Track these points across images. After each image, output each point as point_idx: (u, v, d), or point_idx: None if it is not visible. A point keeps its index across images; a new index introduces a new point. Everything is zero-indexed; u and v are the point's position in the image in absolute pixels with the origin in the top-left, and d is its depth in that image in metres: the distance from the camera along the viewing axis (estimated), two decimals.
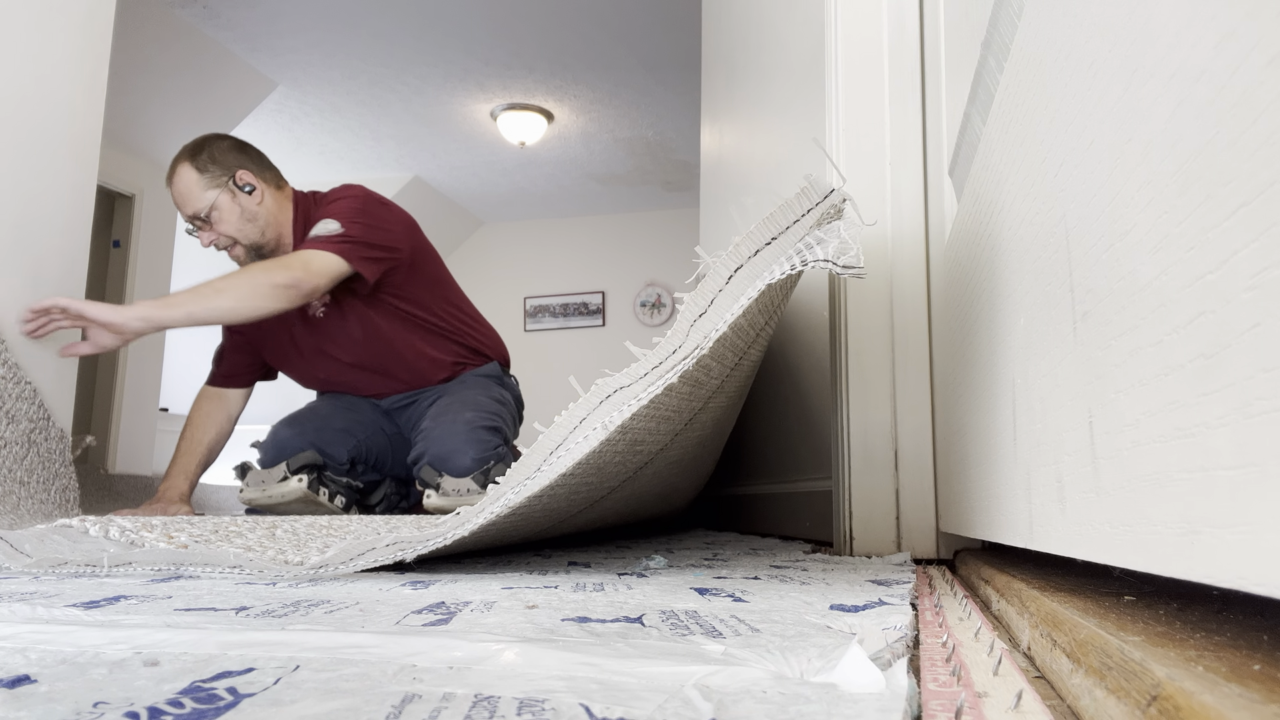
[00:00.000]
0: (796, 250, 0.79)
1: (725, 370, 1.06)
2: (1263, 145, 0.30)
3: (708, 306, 0.84)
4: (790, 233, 0.84)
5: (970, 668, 0.44)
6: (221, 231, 2.05)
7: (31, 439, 1.68)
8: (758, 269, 0.83)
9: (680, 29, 4.56)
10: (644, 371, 0.83)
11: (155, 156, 5.22)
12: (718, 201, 2.74)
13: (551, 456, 0.87)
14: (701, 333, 0.83)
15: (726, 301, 0.83)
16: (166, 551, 0.95)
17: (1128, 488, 0.44)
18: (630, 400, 0.82)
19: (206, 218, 2.02)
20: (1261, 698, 0.28)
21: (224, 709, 0.34)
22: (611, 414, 0.83)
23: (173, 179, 2.03)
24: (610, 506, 1.26)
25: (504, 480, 0.89)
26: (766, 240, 0.84)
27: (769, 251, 0.84)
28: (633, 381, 0.84)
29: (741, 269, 0.84)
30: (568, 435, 0.86)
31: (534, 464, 0.88)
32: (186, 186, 2.02)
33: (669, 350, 0.83)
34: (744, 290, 0.81)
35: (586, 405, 0.86)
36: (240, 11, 4.52)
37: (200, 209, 2.01)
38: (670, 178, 6.79)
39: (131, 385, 5.05)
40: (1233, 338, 0.32)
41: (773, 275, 0.79)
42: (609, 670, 0.40)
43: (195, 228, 2.04)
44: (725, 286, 0.84)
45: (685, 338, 0.83)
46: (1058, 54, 0.57)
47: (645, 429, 0.93)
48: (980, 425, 0.87)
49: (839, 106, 1.32)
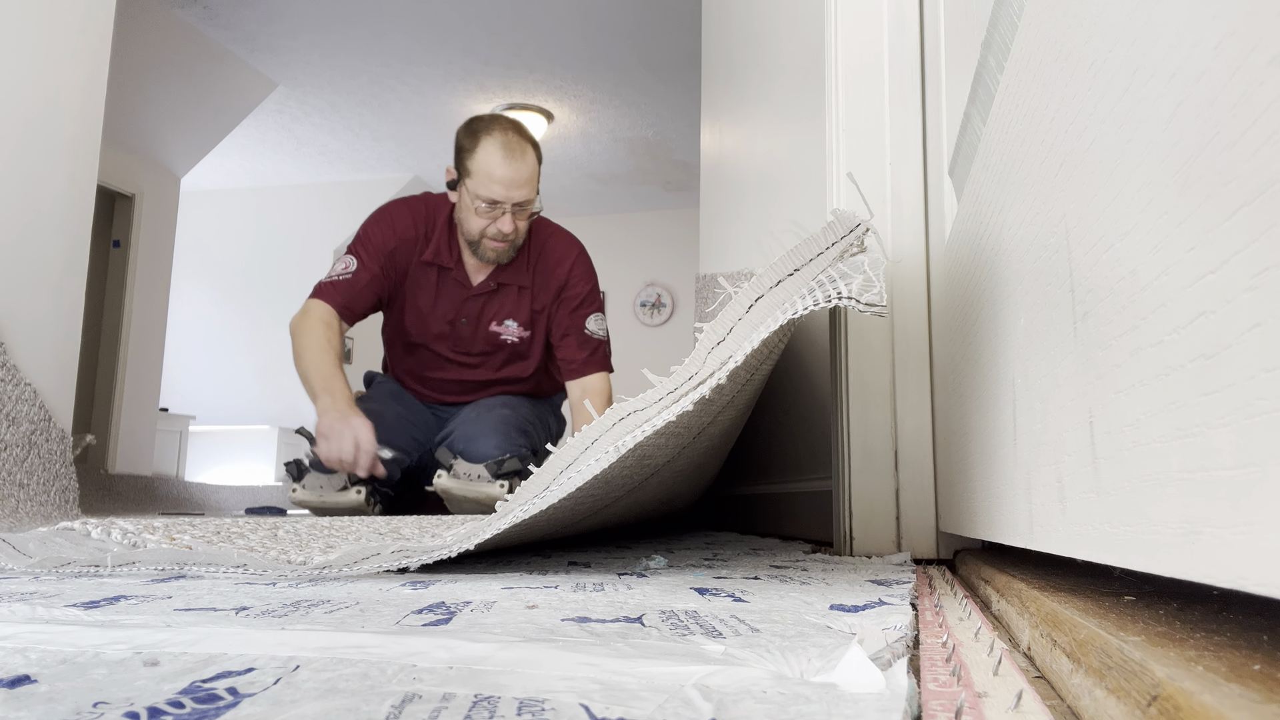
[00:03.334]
0: (819, 283, 0.79)
1: (736, 387, 1.06)
2: (1263, 145, 0.30)
3: (726, 334, 0.84)
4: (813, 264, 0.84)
5: (970, 668, 0.44)
6: (519, 226, 2.06)
7: (32, 440, 1.68)
8: (778, 299, 0.83)
9: (680, 29, 4.56)
10: (659, 397, 0.84)
11: (155, 156, 5.22)
12: (718, 201, 2.74)
13: (561, 475, 0.87)
14: (719, 359, 0.83)
15: (745, 330, 0.83)
16: (170, 551, 0.95)
17: (1128, 488, 0.44)
18: (643, 424, 0.82)
19: (521, 205, 2.02)
20: (1261, 698, 0.28)
21: (224, 709, 0.34)
22: (624, 437, 0.83)
23: (523, 158, 1.99)
24: (614, 513, 1.26)
25: (513, 498, 0.91)
26: (789, 271, 0.85)
27: (791, 283, 0.84)
28: (646, 406, 0.84)
29: (762, 299, 0.84)
30: (578, 456, 0.87)
31: (543, 482, 0.89)
32: (531, 172, 2.01)
33: (685, 377, 0.84)
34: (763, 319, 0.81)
35: (599, 427, 0.86)
36: (240, 11, 4.52)
37: (528, 197, 2.02)
38: (670, 178, 6.79)
39: (131, 385, 5.05)
40: (1233, 338, 0.32)
41: (795, 311, 0.77)
42: (609, 670, 0.40)
43: (504, 211, 2.01)
44: (745, 315, 0.84)
45: (702, 365, 0.84)
46: (1058, 54, 0.57)
47: (654, 444, 0.94)
48: (980, 425, 0.87)
49: (839, 106, 1.32)
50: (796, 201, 1.62)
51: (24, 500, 1.61)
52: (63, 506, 1.74)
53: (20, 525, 1.47)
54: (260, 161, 6.54)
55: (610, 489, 1.01)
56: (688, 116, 5.51)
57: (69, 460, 1.81)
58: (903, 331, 1.27)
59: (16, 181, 1.72)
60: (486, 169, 1.96)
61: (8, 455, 1.60)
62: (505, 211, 2.00)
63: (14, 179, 1.72)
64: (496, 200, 1.98)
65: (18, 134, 1.73)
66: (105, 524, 1.11)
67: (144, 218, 5.13)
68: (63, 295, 1.85)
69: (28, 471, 1.65)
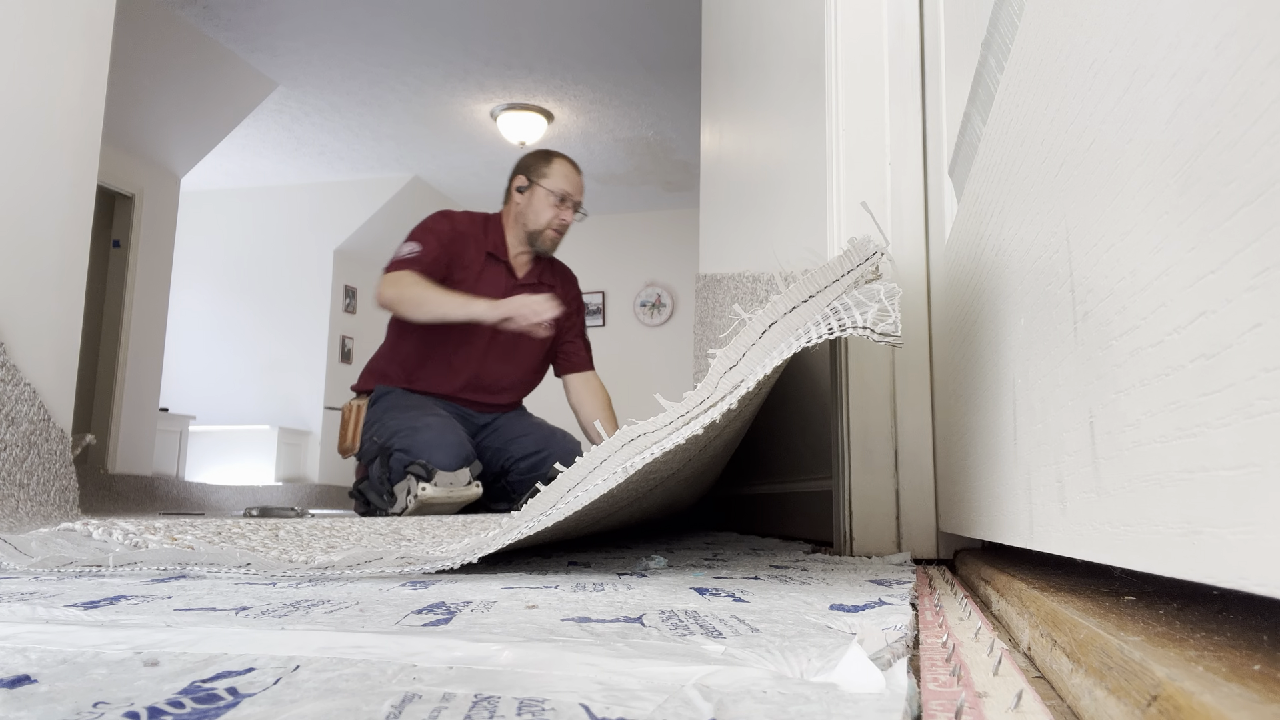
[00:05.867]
0: (834, 311, 0.79)
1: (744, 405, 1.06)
2: (1263, 145, 0.30)
3: (739, 359, 0.85)
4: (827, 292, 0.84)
5: (970, 668, 0.44)
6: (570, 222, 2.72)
7: (32, 440, 1.68)
8: (791, 325, 0.83)
9: (680, 29, 4.56)
10: (669, 420, 0.84)
11: (155, 156, 5.22)
12: (718, 201, 2.75)
13: (569, 494, 0.88)
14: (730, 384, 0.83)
15: (759, 354, 0.83)
16: (172, 551, 0.95)
17: (1128, 488, 0.44)
18: (652, 445, 0.83)
19: (578, 204, 2.68)
20: (1261, 698, 0.28)
21: (224, 709, 0.34)
22: (632, 458, 0.83)
23: (580, 175, 2.71)
24: (616, 520, 1.26)
25: (518, 515, 0.91)
26: (804, 298, 0.85)
27: (805, 309, 0.84)
28: (657, 429, 0.84)
29: (776, 324, 0.85)
30: (586, 475, 0.88)
31: (550, 500, 0.90)
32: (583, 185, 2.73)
33: (697, 400, 0.84)
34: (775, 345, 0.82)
35: (608, 448, 0.87)
36: (240, 11, 4.52)
37: (581, 200, 2.70)
38: (670, 178, 6.79)
39: (131, 385, 5.05)
40: (1234, 338, 0.32)
41: (809, 338, 0.78)
42: (609, 670, 0.40)
43: (569, 205, 2.64)
44: (759, 340, 0.85)
45: (714, 389, 0.84)
46: (1058, 54, 0.57)
47: (661, 462, 0.94)
48: (980, 425, 0.87)
49: (839, 106, 1.32)
50: (796, 201, 1.62)
51: (24, 500, 1.61)
52: (63, 506, 1.74)
53: (20, 525, 1.47)
54: (260, 161, 6.54)
55: (616, 502, 1.02)
56: (688, 116, 5.51)
57: (69, 460, 1.81)
58: (903, 331, 1.26)
59: (16, 181, 1.72)
60: (563, 173, 2.66)
61: (8, 455, 1.60)
62: (569, 206, 2.64)
63: (14, 179, 1.72)
64: (568, 193, 2.63)
65: (18, 134, 1.73)
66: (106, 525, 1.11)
67: (144, 218, 5.13)
68: (63, 295, 1.85)
69: (28, 471, 1.65)
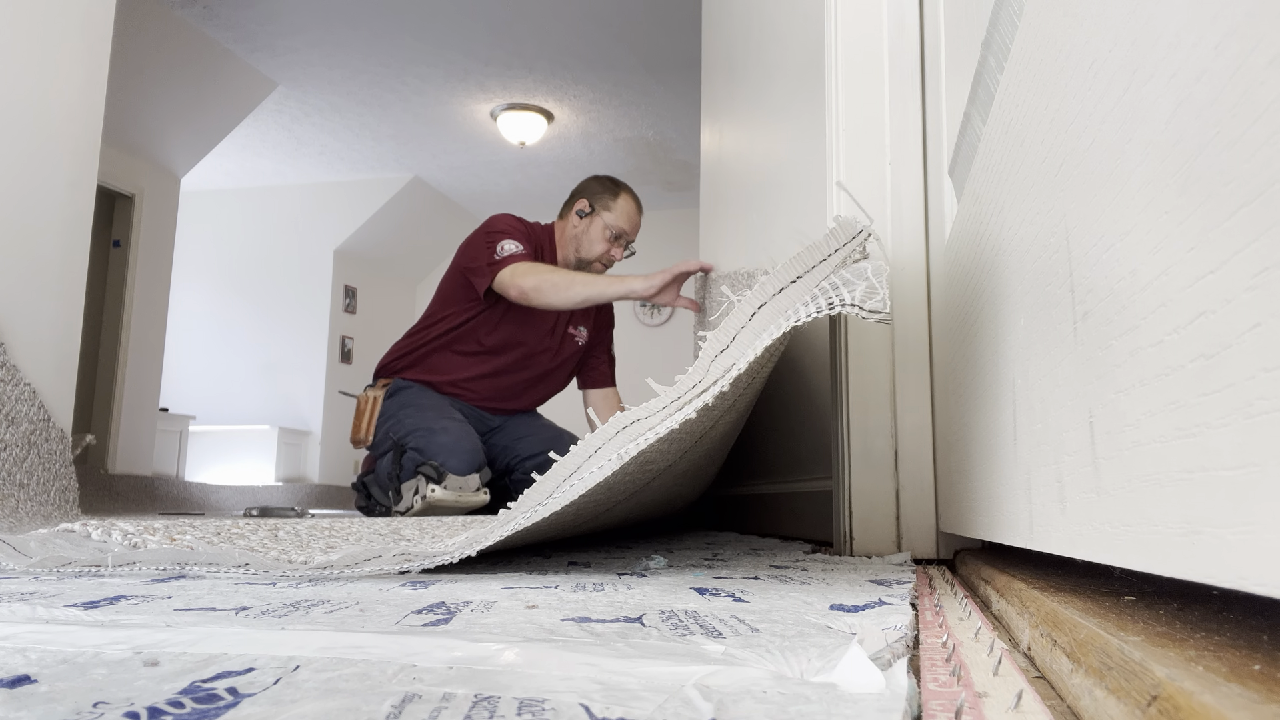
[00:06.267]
0: (821, 290, 0.79)
1: (738, 392, 1.06)
2: (1263, 145, 0.30)
3: (729, 342, 0.85)
4: (815, 271, 0.84)
5: (970, 668, 0.44)
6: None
7: (32, 440, 1.68)
8: (781, 306, 0.83)
9: (680, 29, 4.55)
10: (662, 405, 0.84)
11: (155, 156, 5.22)
12: (718, 201, 2.75)
13: (564, 484, 0.88)
14: (722, 367, 0.83)
15: (749, 337, 0.83)
16: (172, 551, 0.95)
17: (1128, 488, 0.44)
18: (646, 432, 0.82)
19: (630, 244, 2.67)
20: (1261, 698, 0.28)
21: (224, 709, 0.34)
22: (627, 445, 0.83)
23: (639, 212, 2.68)
24: (615, 515, 1.26)
25: (515, 505, 0.91)
26: (792, 279, 0.85)
27: (793, 290, 0.84)
28: (650, 414, 0.84)
29: (765, 306, 0.84)
30: (582, 464, 0.87)
31: (546, 490, 0.89)
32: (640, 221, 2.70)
33: (689, 384, 0.84)
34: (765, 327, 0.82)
35: (602, 435, 0.87)
36: (240, 11, 4.52)
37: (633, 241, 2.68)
38: (670, 178, 6.79)
39: (131, 385, 5.04)
40: (1233, 338, 0.32)
41: (798, 318, 0.78)
42: (609, 670, 0.40)
43: (623, 244, 2.64)
44: (748, 323, 0.85)
45: (706, 372, 0.84)
46: (1058, 54, 0.57)
47: (657, 450, 0.94)
48: (980, 425, 0.87)
49: (839, 106, 1.32)
50: (796, 201, 1.62)
51: (24, 500, 1.61)
52: (63, 506, 1.74)
53: (20, 525, 1.47)
54: (260, 161, 6.54)
55: (613, 494, 1.01)
56: (688, 116, 5.51)
57: (69, 460, 1.81)
58: (903, 331, 1.26)
59: (16, 181, 1.72)
60: (628, 211, 2.64)
61: (7, 455, 1.60)
62: (622, 244, 2.63)
63: (14, 179, 1.72)
64: (625, 233, 2.63)
65: (17, 134, 1.73)
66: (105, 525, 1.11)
67: (144, 218, 5.13)
68: (63, 295, 1.85)
69: (28, 471, 1.65)
